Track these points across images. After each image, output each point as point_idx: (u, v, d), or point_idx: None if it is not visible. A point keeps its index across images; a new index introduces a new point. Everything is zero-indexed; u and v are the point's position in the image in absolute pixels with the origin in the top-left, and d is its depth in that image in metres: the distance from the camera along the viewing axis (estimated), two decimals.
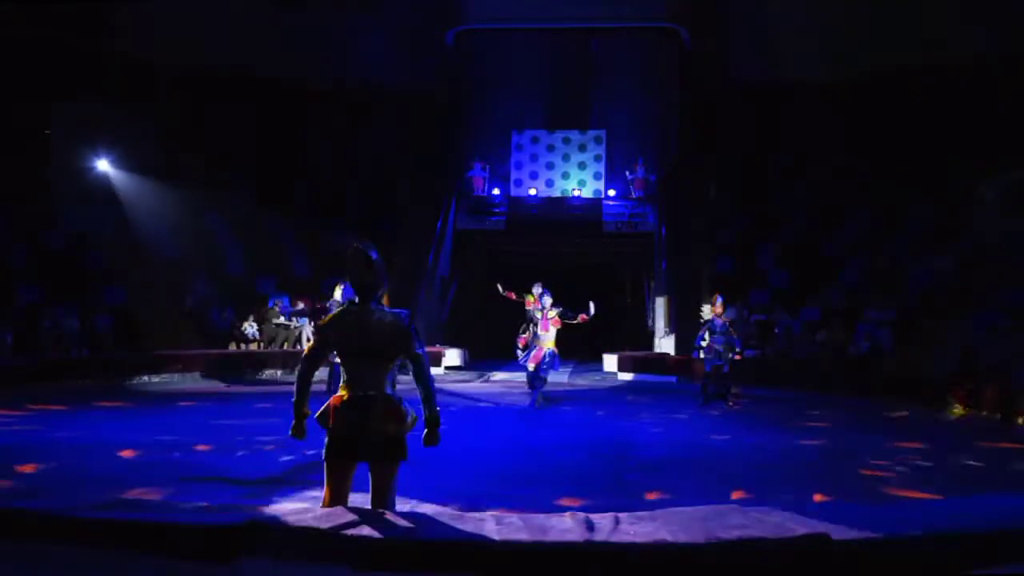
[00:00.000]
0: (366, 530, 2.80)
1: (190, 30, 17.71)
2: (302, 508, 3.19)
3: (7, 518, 2.91)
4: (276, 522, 2.78)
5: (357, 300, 3.53)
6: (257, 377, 14.07)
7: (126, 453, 6.83)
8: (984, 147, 15.57)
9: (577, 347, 17.61)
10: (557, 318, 10.43)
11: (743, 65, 19.29)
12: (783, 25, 18.46)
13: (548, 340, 10.50)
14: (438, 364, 14.80)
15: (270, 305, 15.70)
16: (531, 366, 10.52)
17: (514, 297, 11.59)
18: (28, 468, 6.07)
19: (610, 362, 15.56)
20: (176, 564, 2.69)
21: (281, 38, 18.97)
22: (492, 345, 12.02)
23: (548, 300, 10.53)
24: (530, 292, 11.59)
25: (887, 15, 17.47)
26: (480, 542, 2.70)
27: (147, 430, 8.06)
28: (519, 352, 10.86)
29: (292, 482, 5.81)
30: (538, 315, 11.02)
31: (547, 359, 10.44)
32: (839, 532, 2.70)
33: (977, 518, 3.03)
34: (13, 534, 2.84)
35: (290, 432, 3.58)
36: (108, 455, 6.71)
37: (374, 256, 3.53)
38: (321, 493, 3.53)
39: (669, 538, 2.74)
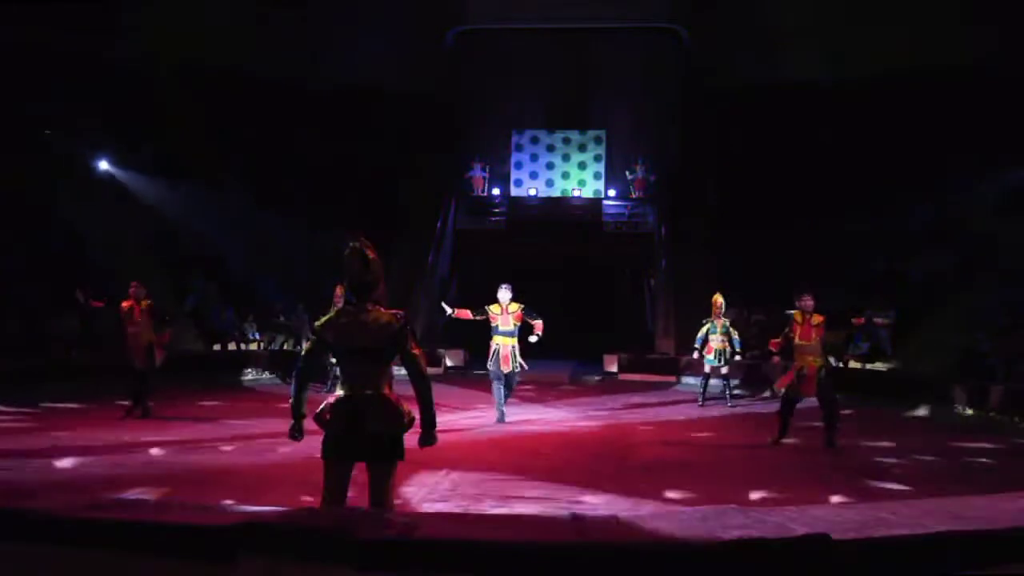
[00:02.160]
0: (365, 530, 2.79)
1: (190, 30, 17.70)
2: (301, 508, 3.19)
3: (7, 518, 2.91)
4: (275, 522, 2.78)
5: (354, 300, 3.54)
6: (257, 377, 14.06)
7: (125, 453, 6.83)
8: (984, 147, 15.57)
9: (577, 347, 17.61)
10: (821, 326, 8.11)
11: (743, 65, 19.28)
12: (783, 25, 18.46)
13: (815, 354, 7.97)
14: (438, 365, 14.80)
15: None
16: (805, 391, 7.98)
17: (470, 316, 9.45)
18: (28, 468, 6.07)
19: (610, 362, 15.56)
20: (176, 564, 2.69)
21: (281, 38, 18.97)
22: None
23: (810, 304, 8.19)
24: (496, 302, 9.34)
25: (887, 15, 17.47)
26: (480, 542, 2.70)
27: (147, 430, 8.07)
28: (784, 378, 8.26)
29: (291, 482, 5.81)
30: (499, 318, 9.12)
31: (823, 378, 7.98)
32: (839, 532, 2.69)
33: (976, 518, 3.03)
34: (13, 534, 2.84)
35: (289, 433, 3.58)
36: (108, 455, 6.71)
37: (371, 256, 3.53)
38: (320, 493, 3.53)
39: (669, 538, 2.73)
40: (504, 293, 9.35)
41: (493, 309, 9.32)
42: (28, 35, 15.75)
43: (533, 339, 9.31)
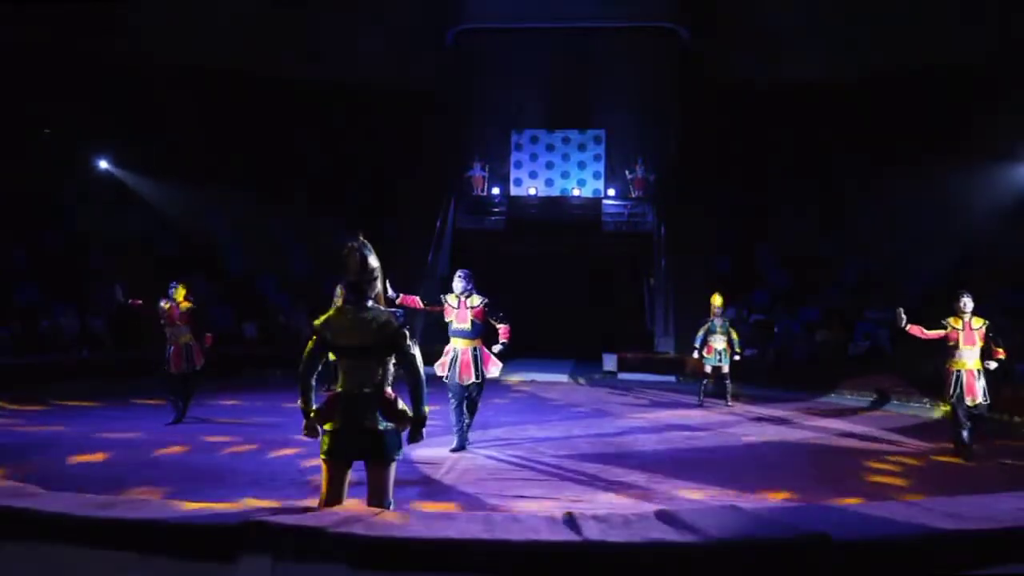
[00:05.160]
0: (364, 529, 2.80)
1: (190, 29, 17.70)
2: (301, 508, 3.19)
3: (7, 518, 2.91)
4: (275, 522, 2.78)
5: (353, 299, 3.55)
6: (256, 377, 14.04)
7: (126, 453, 6.83)
8: (984, 147, 15.56)
9: (576, 346, 17.61)
10: (983, 330, 7.42)
11: (743, 65, 19.29)
12: (783, 25, 18.46)
13: (974, 359, 7.41)
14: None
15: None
16: (969, 398, 7.29)
17: (419, 305, 7.31)
18: (28, 468, 6.07)
19: (610, 361, 15.56)
20: (176, 564, 2.69)
21: (280, 37, 18.97)
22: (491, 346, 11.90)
23: (970, 306, 7.38)
24: (450, 291, 7.39)
25: (887, 15, 17.47)
26: (478, 542, 2.70)
27: (146, 430, 8.07)
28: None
29: (290, 481, 5.81)
30: (455, 313, 7.23)
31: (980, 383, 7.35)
32: (839, 532, 2.70)
33: (976, 518, 3.03)
34: (13, 534, 2.84)
35: (303, 432, 3.58)
36: (109, 454, 6.71)
37: (370, 255, 3.55)
38: (318, 492, 3.53)
39: (669, 538, 2.73)
40: (460, 282, 7.26)
41: (449, 300, 7.32)
42: (28, 35, 15.75)
43: (497, 348, 7.46)
